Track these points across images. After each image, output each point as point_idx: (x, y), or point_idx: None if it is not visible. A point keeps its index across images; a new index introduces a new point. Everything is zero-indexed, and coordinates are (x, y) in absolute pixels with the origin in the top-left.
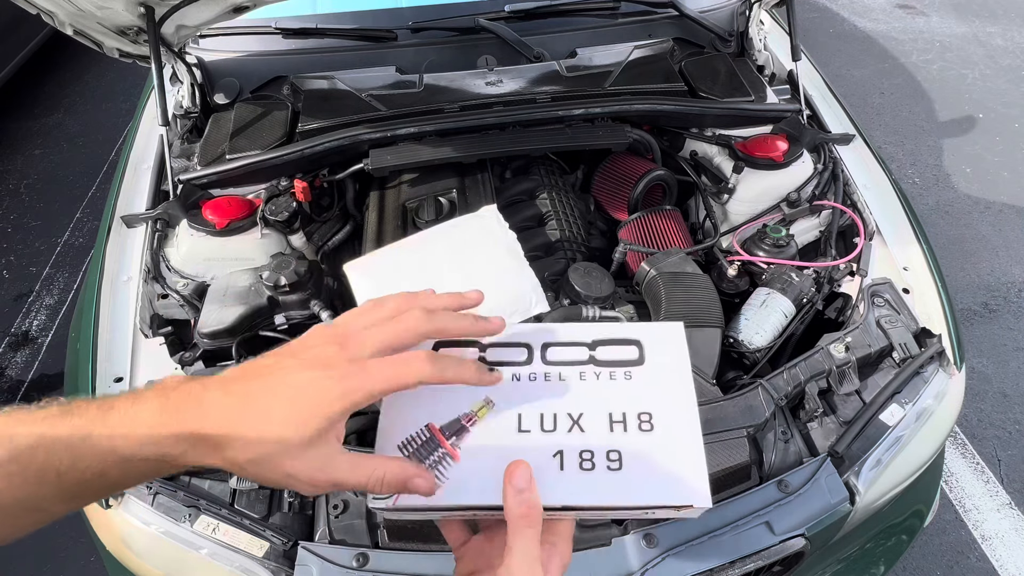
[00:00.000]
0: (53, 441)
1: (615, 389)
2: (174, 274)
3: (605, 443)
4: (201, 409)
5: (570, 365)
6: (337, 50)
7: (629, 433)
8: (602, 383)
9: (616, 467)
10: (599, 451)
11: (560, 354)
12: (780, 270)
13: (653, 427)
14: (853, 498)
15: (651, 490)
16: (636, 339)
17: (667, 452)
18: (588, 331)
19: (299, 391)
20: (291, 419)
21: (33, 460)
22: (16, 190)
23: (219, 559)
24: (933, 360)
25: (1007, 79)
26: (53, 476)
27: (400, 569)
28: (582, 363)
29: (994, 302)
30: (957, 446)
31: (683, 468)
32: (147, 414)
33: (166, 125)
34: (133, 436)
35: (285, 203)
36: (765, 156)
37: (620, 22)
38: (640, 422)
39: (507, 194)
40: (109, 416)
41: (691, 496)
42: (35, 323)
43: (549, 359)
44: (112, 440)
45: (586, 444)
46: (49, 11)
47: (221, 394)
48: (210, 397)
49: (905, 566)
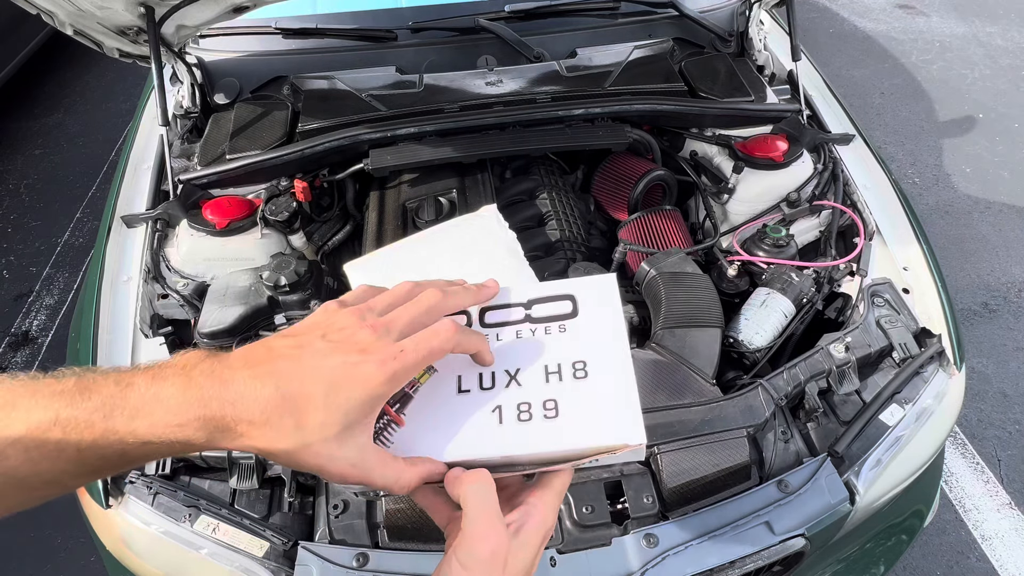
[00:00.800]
0: (71, 420)
1: (550, 342)
2: (174, 274)
3: (541, 394)
4: (229, 393)
5: (507, 325)
6: (337, 50)
7: (564, 382)
8: (538, 338)
9: (552, 415)
10: (536, 402)
11: (497, 316)
12: (780, 270)
13: (587, 374)
14: (853, 498)
15: (585, 433)
16: (569, 294)
17: (601, 396)
18: (524, 291)
19: (339, 377)
20: (332, 406)
21: (50, 437)
22: (16, 190)
23: (219, 559)
24: (933, 360)
25: (1007, 79)
26: (72, 453)
27: (400, 569)
28: (518, 322)
29: (994, 302)
30: (957, 446)
31: (616, 409)
32: (169, 395)
33: (166, 125)
34: (155, 419)
35: (285, 203)
36: (765, 156)
37: (620, 22)
38: (575, 371)
39: (507, 194)
40: (129, 395)
41: (625, 434)
42: (35, 323)
43: (487, 322)
44: (133, 422)
45: (523, 397)
46: (49, 11)
47: (249, 377)
48: (238, 379)
49: (905, 566)
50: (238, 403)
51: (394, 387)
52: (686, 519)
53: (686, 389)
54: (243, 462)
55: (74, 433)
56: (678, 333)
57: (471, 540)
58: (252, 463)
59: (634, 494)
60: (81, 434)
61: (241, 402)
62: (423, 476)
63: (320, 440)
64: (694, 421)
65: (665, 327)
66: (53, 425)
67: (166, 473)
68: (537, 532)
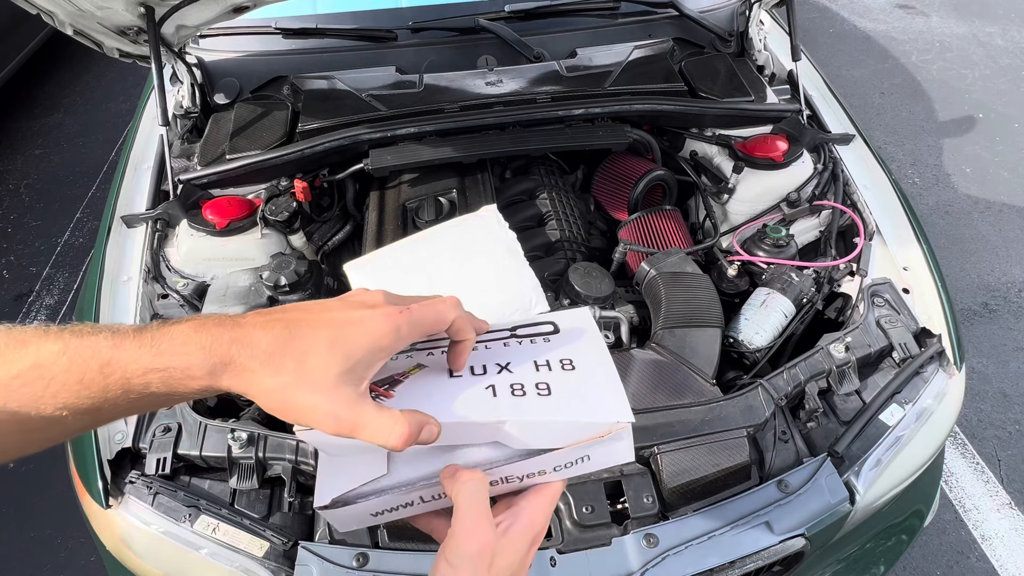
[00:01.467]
0: (79, 348)
1: (536, 347)
2: (174, 274)
3: (533, 378)
4: (237, 333)
5: (494, 341)
6: (337, 50)
7: (553, 371)
8: (524, 346)
9: (545, 393)
10: (528, 384)
11: (484, 336)
12: (780, 270)
13: (575, 368)
14: (853, 498)
15: (577, 409)
16: (551, 321)
17: (589, 384)
18: (505, 324)
19: (345, 324)
20: (335, 349)
21: (57, 366)
22: (16, 190)
23: (219, 559)
24: (933, 360)
25: (1007, 79)
26: (75, 384)
27: (400, 569)
28: (504, 338)
29: (994, 302)
30: (957, 446)
31: (604, 393)
32: (179, 331)
33: (166, 125)
34: (161, 348)
35: (285, 203)
36: (765, 156)
37: (620, 22)
38: (562, 364)
39: (507, 194)
40: (141, 332)
41: (615, 412)
42: (35, 323)
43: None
44: (139, 351)
45: (515, 380)
46: (49, 11)
47: (260, 323)
48: (248, 324)
49: (905, 566)
50: (244, 340)
51: (398, 342)
52: (686, 519)
53: (686, 389)
54: (243, 462)
55: (79, 360)
56: (678, 333)
57: (459, 537)
58: (252, 463)
59: (634, 494)
60: (87, 362)
61: (247, 339)
62: (415, 429)
63: (316, 379)
64: (694, 421)
65: (665, 327)
66: (61, 355)
67: (166, 473)
68: (526, 533)
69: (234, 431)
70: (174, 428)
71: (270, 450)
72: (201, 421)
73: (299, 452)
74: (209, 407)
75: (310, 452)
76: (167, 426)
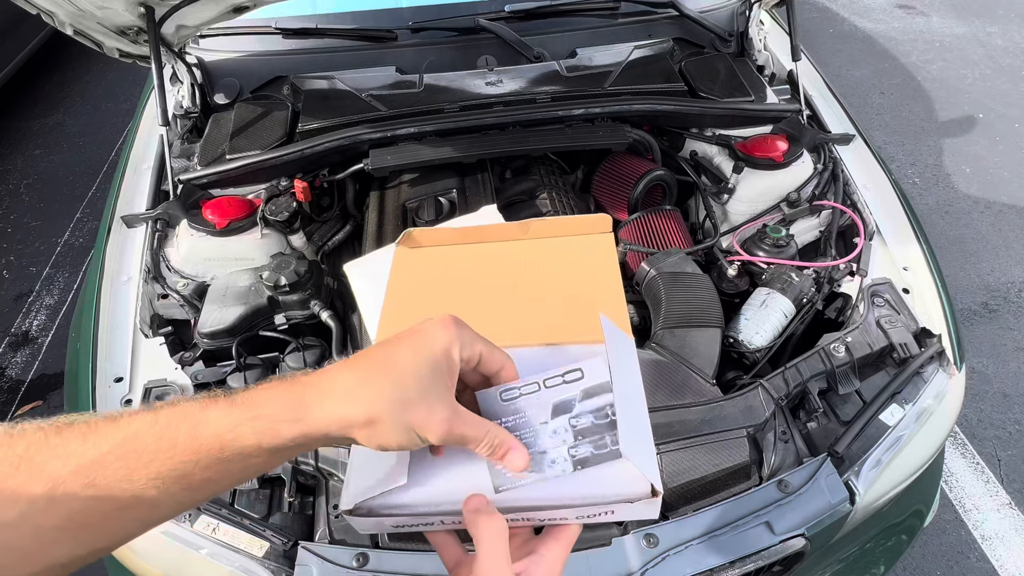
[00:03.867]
0: (170, 415)
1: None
2: (174, 274)
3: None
4: (323, 374)
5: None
6: (337, 50)
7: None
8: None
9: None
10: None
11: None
12: (780, 270)
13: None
14: (853, 498)
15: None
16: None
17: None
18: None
19: (419, 341)
20: (418, 357)
21: (149, 433)
22: (16, 190)
23: (219, 559)
24: (933, 360)
25: (1007, 79)
26: (167, 448)
27: (400, 569)
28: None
29: (994, 302)
30: (957, 446)
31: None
32: (268, 385)
33: (166, 125)
34: (253, 399)
35: (285, 203)
36: (765, 156)
37: (620, 22)
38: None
39: (507, 194)
40: (232, 394)
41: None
42: (35, 323)
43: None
44: (231, 407)
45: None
46: (49, 11)
47: (340, 367)
48: (330, 371)
49: (905, 566)
50: (325, 376)
51: (462, 339)
52: (686, 519)
53: (686, 389)
54: None
55: (171, 426)
56: (678, 333)
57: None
58: None
59: None
60: (178, 425)
61: (328, 375)
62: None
63: (418, 392)
64: (694, 421)
65: (665, 327)
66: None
67: None
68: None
69: None
70: None
71: None
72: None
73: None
74: None
75: (309, 452)
76: None
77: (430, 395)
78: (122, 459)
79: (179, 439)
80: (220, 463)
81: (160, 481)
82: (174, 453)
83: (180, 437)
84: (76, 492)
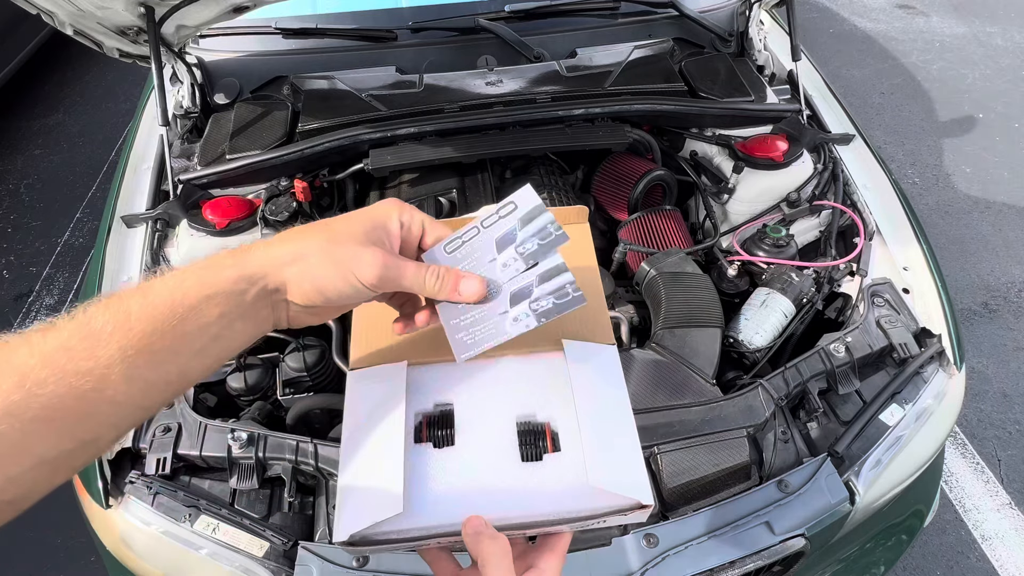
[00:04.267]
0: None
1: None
2: None
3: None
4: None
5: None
6: (337, 50)
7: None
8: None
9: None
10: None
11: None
12: (780, 270)
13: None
14: (853, 498)
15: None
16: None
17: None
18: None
19: (358, 211)
20: (352, 218)
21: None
22: (16, 190)
23: (219, 559)
24: (933, 360)
25: (1007, 79)
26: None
27: (400, 569)
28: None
29: (994, 302)
30: (957, 446)
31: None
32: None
33: (166, 125)
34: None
35: (285, 203)
36: (765, 156)
37: (620, 22)
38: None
39: (507, 194)
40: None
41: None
42: (35, 323)
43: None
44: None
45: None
46: (49, 11)
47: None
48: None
49: (905, 566)
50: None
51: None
52: (686, 519)
53: (686, 389)
54: (243, 462)
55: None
56: (678, 333)
57: None
58: (252, 463)
59: None
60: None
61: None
62: (456, 280)
63: (348, 235)
64: (694, 421)
65: (665, 327)
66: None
67: (166, 473)
68: None
69: (234, 431)
70: (174, 428)
71: (270, 450)
72: (201, 421)
73: (299, 452)
74: (209, 407)
75: (309, 452)
76: (167, 426)
77: (363, 240)
78: (84, 339)
79: (132, 308)
80: (174, 327)
81: (122, 356)
82: (130, 324)
83: (133, 307)
84: (45, 379)
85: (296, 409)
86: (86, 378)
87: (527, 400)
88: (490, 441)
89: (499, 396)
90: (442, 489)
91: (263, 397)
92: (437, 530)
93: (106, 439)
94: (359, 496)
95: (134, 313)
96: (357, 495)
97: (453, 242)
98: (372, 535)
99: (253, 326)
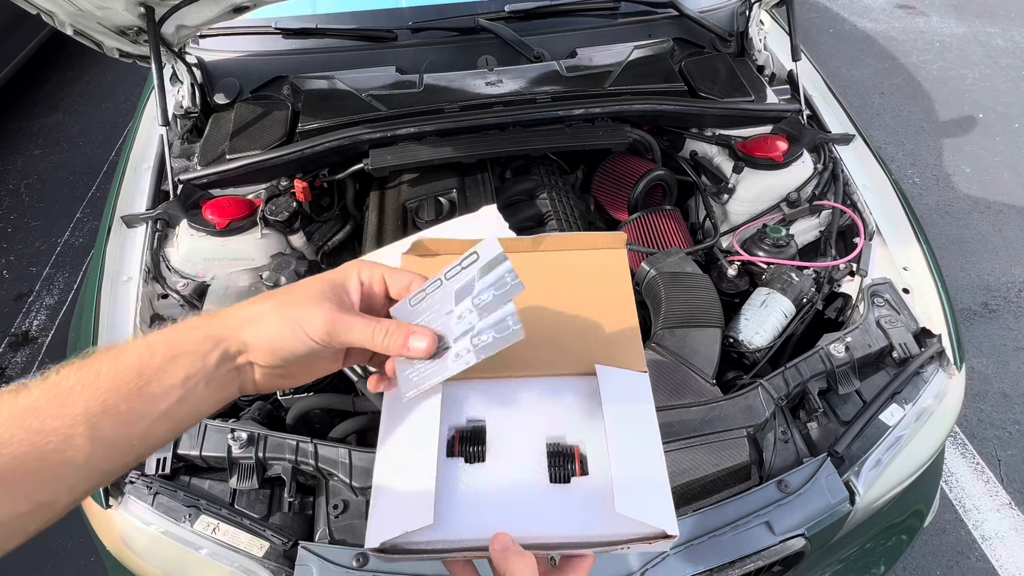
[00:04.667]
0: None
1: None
2: (174, 274)
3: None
4: (231, 308)
5: None
6: (337, 50)
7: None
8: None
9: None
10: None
11: None
12: (780, 270)
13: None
14: (853, 498)
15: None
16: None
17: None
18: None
19: (320, 274)
20: (312, 281)
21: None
22: (16, 190)
23: (219, 559)
24: (933, 360)
25: (1007, 79)
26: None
27: (400, 569)
28: None
29: (994, 302)
30: (957, 446)
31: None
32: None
33: (166, 125)
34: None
35: (285, 203)
36: (765, 156)
37: (620, 22)
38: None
39: (507, 194)
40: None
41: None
42: (35, 323)
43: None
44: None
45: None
46: (49, 11)
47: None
48: (236, 305)
49: (905, 566)
50: (228, 314)
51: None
52: (686, 519)
53: (686, 389)
54: (243, 462)
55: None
56: (678, 333)
57: None
58: (252, 463)
59: None
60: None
61: (230, 312)
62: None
63: (303, 295)
64: (694, 421)
65: (665, 327)
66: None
67: (166, 473)
68: None
69: (234, 431)
70: None
71: (270, 450)
72: (201, 421)
73: (299, 452)
74: None
75: (309, 452)
76: None
77: (318, 299)
78: (53, 399)
79: (103, 369)
80: (140, 388)
81: (86, 416)
82: (98, 383)
83: (104, 368)
84: (10, 437)
85: (296, 409)
86: (50, 437)
87: (558, 422)
88: (520, 460)
89: (530, 416)
90: (471, 504)
91: (263, 397)
92: (465, 544)
93: (62, 503)
94: (391, 504)
95: (103, 374)
96: (389, 503)
97: (417, 295)
98: (401, 544)
99: (218, 390)
